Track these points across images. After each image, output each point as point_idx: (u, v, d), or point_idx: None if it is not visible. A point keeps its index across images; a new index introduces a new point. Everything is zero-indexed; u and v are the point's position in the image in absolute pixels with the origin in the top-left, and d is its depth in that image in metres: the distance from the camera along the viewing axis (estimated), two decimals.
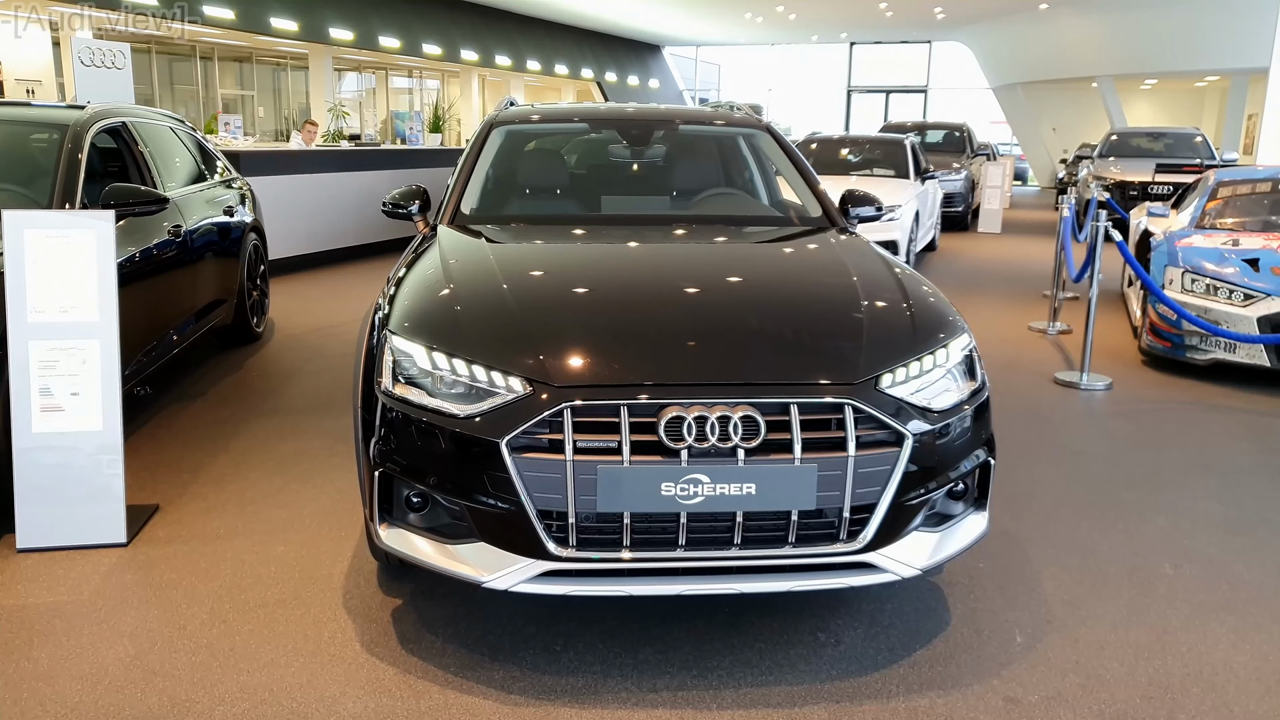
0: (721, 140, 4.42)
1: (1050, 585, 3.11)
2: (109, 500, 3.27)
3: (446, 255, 3.17)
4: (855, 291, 2.89)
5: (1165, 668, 2.64)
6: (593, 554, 2.40)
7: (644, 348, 2.57)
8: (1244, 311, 5.78)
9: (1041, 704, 2.46)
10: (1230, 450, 4.56)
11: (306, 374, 5.65)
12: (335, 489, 3.83)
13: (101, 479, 3.26)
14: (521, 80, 29.79)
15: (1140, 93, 31.51)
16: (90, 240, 3.22)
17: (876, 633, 2.79)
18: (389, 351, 2.63)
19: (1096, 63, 27.14)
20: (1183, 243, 6.42)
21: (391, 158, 11.83)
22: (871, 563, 2.47)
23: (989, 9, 26.71)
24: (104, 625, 2.76)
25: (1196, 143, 16.39)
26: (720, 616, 2.85)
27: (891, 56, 36.77)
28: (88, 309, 3.23)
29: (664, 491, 2.34)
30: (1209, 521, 3.67)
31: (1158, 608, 2.98)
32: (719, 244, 3.59)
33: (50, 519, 3.23)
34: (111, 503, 3.27)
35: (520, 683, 2.51)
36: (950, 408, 2.57)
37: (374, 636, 2.72)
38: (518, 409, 2.39)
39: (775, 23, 29.79)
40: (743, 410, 2.36)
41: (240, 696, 2.43)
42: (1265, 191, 7.09)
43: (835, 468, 2.38)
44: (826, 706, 2.43)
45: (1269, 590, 3.11)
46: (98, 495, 3.26)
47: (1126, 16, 25.09)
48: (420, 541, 2.55)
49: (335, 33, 19.91)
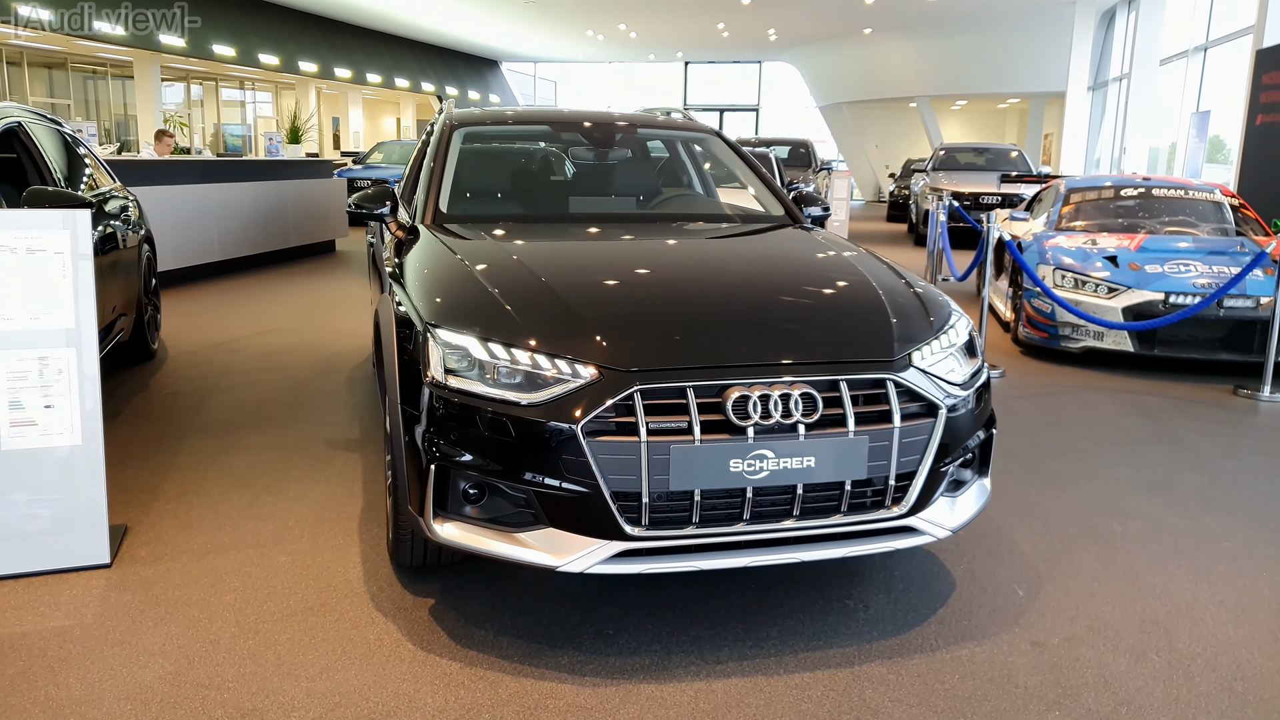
0: (676, 144, 4.57)
1: (1026, 546, 3.41)
2: (91, 519, 3.06)
3: (459, 252, 3.16)
4: (866, 277, 3.10)
5: (1150, 608, 2.96)
6: (665, 532, 2.47)
7: (699, 331, 2.67)
8: (1109, 303, 6.43)
9: (1063, 645, 2.71)
10: (1125, 424, 5.09)
11: (224, 389, 5.38)
12: (312, 499, 3.71)
13: (82, 497, 3.04)
14: (360, 93, 29.05)
15: (951, 113, 33.95)
16: (64, 240, 3.01)
17: (896, 596, 2.98)
18: (435, 345, 2.61)
19: (915, 84, 29.11)
20: (1050, 243, 7.07)
21: (258, 169, 11.34)
22: (913, 527, 2.66)
23: (818, 32, 28.16)
24: (126, 646, 2.60)
25: (1013, 157, 17.84)
26: (750, 592, 2.97)
27: (725, 76, 38.12)
28: (62, 315, 3.02)
29: (732, 468, 2.45)
30: (1132, 484, 4.10)
31: (1122, 559, 3.32)
32: (719, 237, 3.73)
33: (25, 542, 2.99)
34: (94, 522, 3.06)
35: (589, 665, 2.55)
36: (966, 381, 2.80)
37: (422, 635, 2.68)
38: (587, 394, 2.44)
39: (616, 40, 30.33)
40: (801, 388, 2.50)
41: (311, 702, 2.35)
42: (1110, 197, 7.90)
43: (883, 439, 2.56)
44: (883, 663, 2.59)
45: (1203, 538, 3.52)
46: (78, 514, 3.04)
47: (941, 42, 27.06)
48: (481, 532, 2.55)
49: (165, 39, 18.82)
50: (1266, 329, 5.96)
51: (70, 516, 3.04)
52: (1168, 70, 17.74)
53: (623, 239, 3.61)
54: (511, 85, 38.41)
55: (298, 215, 11.50)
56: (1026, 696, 2.44)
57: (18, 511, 2.99)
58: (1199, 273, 6.34)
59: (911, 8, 22.97)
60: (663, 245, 3.58)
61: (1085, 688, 2.49)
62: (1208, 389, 5.92)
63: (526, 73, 40.49)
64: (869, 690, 2.46)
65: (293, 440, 4.46)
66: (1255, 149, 10.14)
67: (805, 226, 3.95)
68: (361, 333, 7.07)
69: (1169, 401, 5.60)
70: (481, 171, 4.15)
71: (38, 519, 3.01)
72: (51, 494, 3.02)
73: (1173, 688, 2.50)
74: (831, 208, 6.72)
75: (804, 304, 2.92)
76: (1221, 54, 15.90)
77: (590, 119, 4.35)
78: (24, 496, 2.99)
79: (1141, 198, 7.80)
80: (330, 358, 6.26)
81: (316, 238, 12.12)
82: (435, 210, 3.69)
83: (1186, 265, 6.44)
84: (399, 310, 2.92)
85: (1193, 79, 16.68)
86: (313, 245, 12.07)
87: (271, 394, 5.31)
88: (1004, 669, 2.58)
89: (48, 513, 3.02)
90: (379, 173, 16.82)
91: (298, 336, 6.96)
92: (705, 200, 4.42)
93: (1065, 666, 2.59)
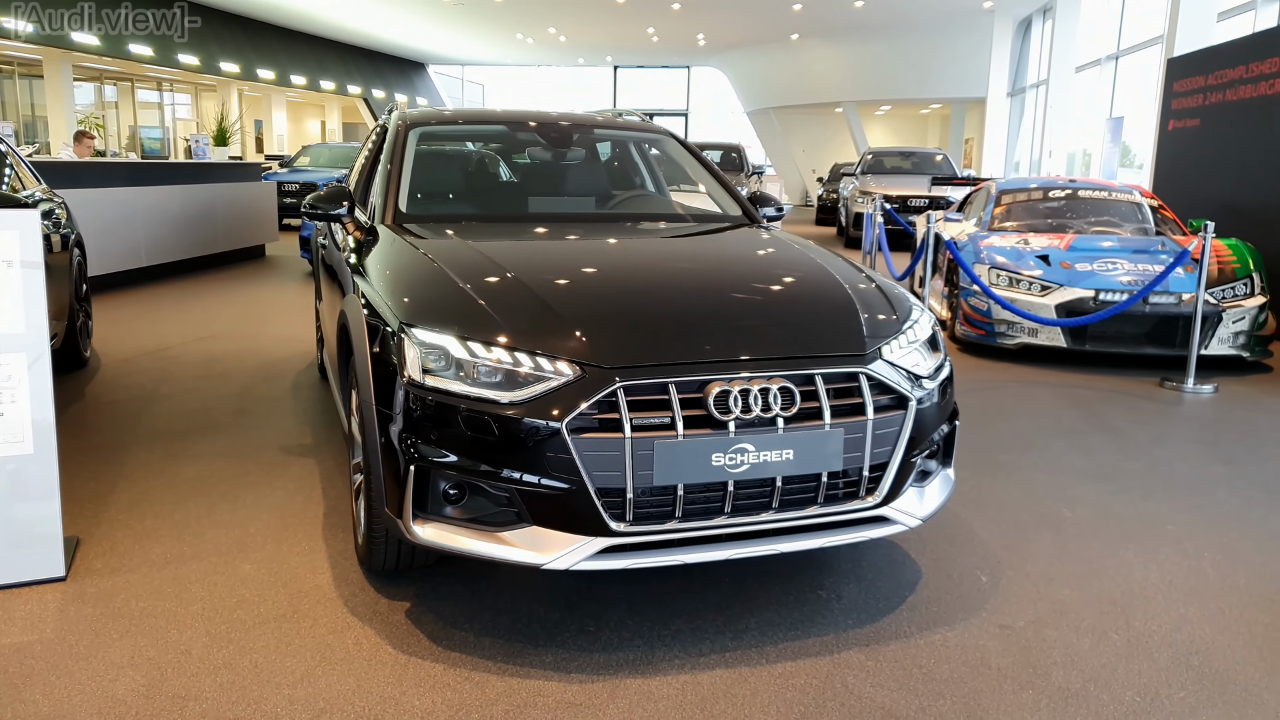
0: (632, 145, 4.60)
1: (984, 534, 3.51)
2: (44, 532, 2.95)
3: (426, 251, 3.14)
4: (832, 274, 3.16)
5: (1105, 589, 3.08)
6: (648, 527, 2.49)
7: (677, 328, 2.69)
8: (1043, 300, 6.66)
9: (1029, 628, 2.81)
10: (1064, 415, 5.27)
11: (165, 397, 5.23)
12: (271, 506, 3.63)
13: (35, 509, 2.93)
14: (284, 96, 28.45)
15: (875, 118, 34.69)
16: (12, 241, 2.90)
17: (866, 586, 3.05)
18: (411, 344, 2.59)
19: (841, 90, 29.67)
20: (984, 243, 7.28)
21: (185, 172, 11.02)
22: (886, 516, 2.73)
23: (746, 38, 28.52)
24: (91, 659, 2.51)
25: (938, 161, 18.33)
26: (726, 585, 3.01)
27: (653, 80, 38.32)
28: (11, 319, 2.90)
29: (714, 462, 2.48)
30: (1077, 473, 4.26)
31: (1074, 544, 3.45)
32: (683, 235, 3.76)
33: None
34: (47, 534, 2.95)
35: (574, 663, 2.55)
36: (931, 374, 2.88)
37: (401, 638, 2.65)
38: (570, 391, 2.44)
39: (546, 44, 30.27)
40: (779, 382, 2.54)
41: (294, 709, 2.31)
42: (1039, 199, 8.18)
43: (857, 430, 2.62)
44: (860, 650, 2.65)
45: (1147, 522, 3.68)
46: (30, 526, 2.93)
47: (867, 49, 27.63)
48: (462, 533, 2.53)
49: (79, 38, 18.17)
50: (1188, 324, 6.24)
51: (22, 529, 2.93)
52: (1083, 77, 18.42)
53: (588, 238, 3.62)
54: (439, 88, 38.03)
55: (227, 219, 11.22)
56: (1000, 677, 2.52)
57: None
58: (1125, 271, 6.61)
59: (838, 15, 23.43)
60: (630, 244, 3.60)
61: (1054, 667, 2.58)
62: (1136, 382, 6.17)
63: (454, 75, 40.15)
64: (850, 677, 2.51)
65: (244, 447, 4.36)
66: (1168, 153, 10.58)
67: (763, 226, 4.02)
68: (301, 338, 6.94)
69: (1102, 394, 5.82)
70: (439, 171, 4.12)
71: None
72: (2, 506, 2.90)
73: (1134, 664, 2.61)
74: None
75: (776, 300, 2.97)
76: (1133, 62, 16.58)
77: (547, 119, 4.35)
78: None
79: (1068, 199, 8.09)
80: (271, 364, 6.12)
81: (246, 242, 11.84)
82: (395, 210, 3.65)
83: (1114, 264, 6.70)
84: (368, 311, 2.88)
85: (1107, 85, 17.35)
86: (242, 250, 11.78)
87: (215, 401, 5.18)
88: (976, 652, 2.65)
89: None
90: (306, 176, 16.48)
91: (235, 343, 6.80)
92: (663, 200, 4.46)
93: (1033, 648, 2.68)
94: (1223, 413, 5.46)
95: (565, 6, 23.27)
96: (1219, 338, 6.46)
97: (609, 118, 4.61)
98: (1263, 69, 8.53)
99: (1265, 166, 8.40)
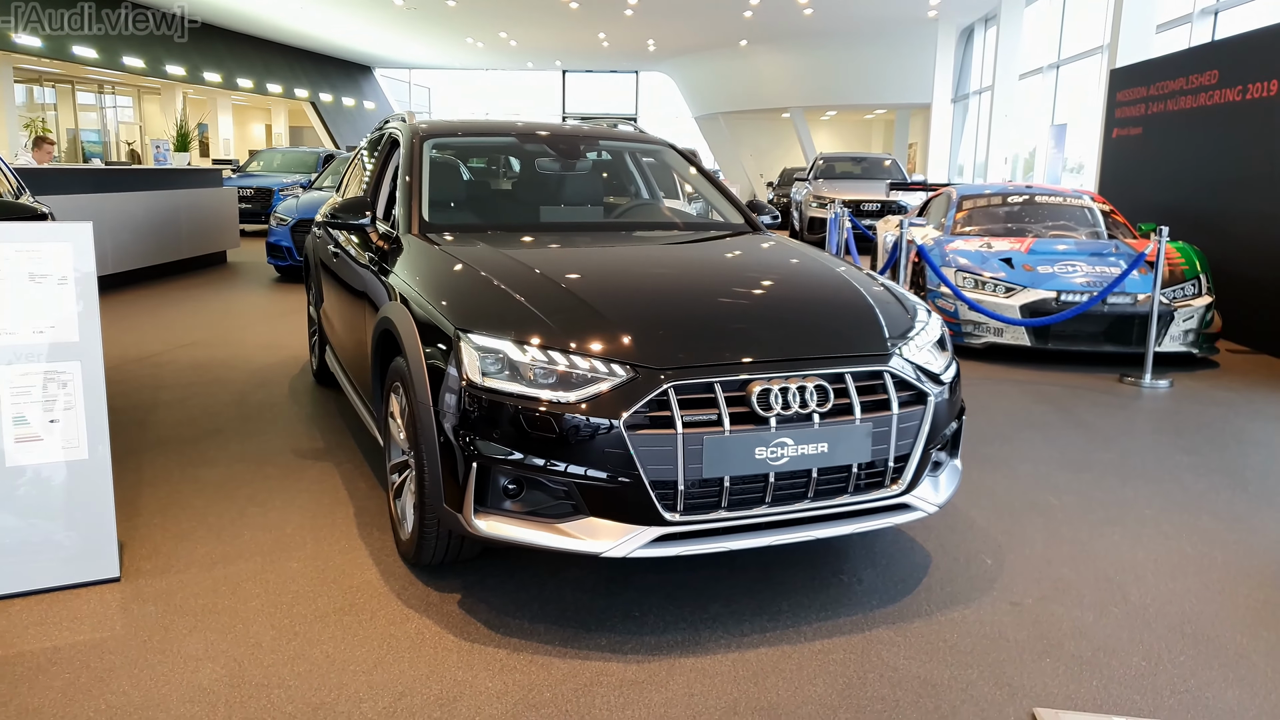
0: (635, 156, 4.78)
1: (982, 521, 3.76)
2: (100, 534, 3.03)
3: (466, 260, 3.28)
4: (848, 278, 3.38)
5: (1101, 568, 3.35)
6: (697, 516, 2.68)
7: (719, 330, 2.89)
8: (1008, 301, 7.00)
9: (1038, 604, 3.05)
10: (1035, 411, 5.58)
11: (165, 404, 5.27)
12: (299, 508, 3.74)
13: (91, 512, 3.02)
14: (230, 99, 28.04)
15: (821, 123, 35.32)
16: (66, 253, 2.99)
17: (882, 570, 3.28)
18: (469, 348, 2.74)
19: (788, 95, 30.17)
20: (950, 247, 7.61)
21: (148, 178, 10.91)
22: (908, 504, 2.95)
23: (695, 43, 28.86)
24: (168, 653, 2.62)
25: (887, 165, 18.78)
26: (752, 572, 3.21)
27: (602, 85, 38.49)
28: (66, 328, 2.99)
29: (757, 455, 2.68)
30: (1056, 464, 4.55)
31: (1065, 529, 3.72)
32: (700, 242, 3.96)
33: (34, 559, 2.95)
34: (103, 537, 3.04)
35: (627, 644, 2.72)
36: (943, 372, 3.11)
37: (460, 627, 2.80)
38: (625, 391, 2.62)
39: (496, 48, 30.28)
40: (814, 380, 2.75)
41: (375, 693, 2.45)
42: (998, 204, 8.54)
43: (883, 425, 2.84)
44: (889, 628, 2.87)
45: (1126, 507, 3.97)
46: (87, 529, 3.02)
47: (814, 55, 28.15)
48: (522, 525, 2.69)
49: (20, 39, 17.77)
50: (1143, 322, 6.63)
51: (79, 532, 3.01)
52: (1026, 84, 19.05)
53: (611, 245, 3.80)
54: (386, 91, 37.77)
55: (190, 226, 11.13)
56: (1019, 648, 2.76)
57: (25, 528, 2.94)
58: (1084, 273, 6.97)
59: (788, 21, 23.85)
60: (653, 251, 3.79)
61: (1065, 638, 2.83)
62: (1097, 378, 6.52)
63: (401, 79, 39.90)
64: (883, 651, 2.73)
65: (258, 452, 4.45)
66: (1112, 159, 11.08)
67: (765, 233, 4.23)
68: (285, 345, 6.99)
69: (1067, 390, 6.15)
70: (453, 182, 4.26)
71: (46, 535, 2.97)
72: (59, 509, 2.98)
73: (1136, 633, 2.87)
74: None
75: (804, 303, 3.18)
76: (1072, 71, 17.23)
77: (552, 130, 4.51)
78: (31, 512, 2.95)
79: (1026, 204, 8.47)
80: (262, 370, 6.18)
81: (209, 249, 11.75)
82: (420, 220, 3.78)
83: (1073, 266, 7.07)
84: (419, 318, 3.02)
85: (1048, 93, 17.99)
86: (205, 257, 11.69)
87: (215, 408, 5.23)
88: (993, 627, 2.89)
89: (56, 528, 2.98)
90: (260, 181, 16.36)
91: (221, 349, 6.82)
92: (668, 209, 4.65)
93: (1044, 621, 2.93)
94: (1179, 406, 5.82)
95: (518, 11, 23.35)
96: (1171, 336, 6.85)
97: (604, 128, 4.80)
98: (1202, 80, 9.02)
99: (1204, 173, 8.88)
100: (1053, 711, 2.40)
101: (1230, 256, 7.96)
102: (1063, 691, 2.54)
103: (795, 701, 2.47)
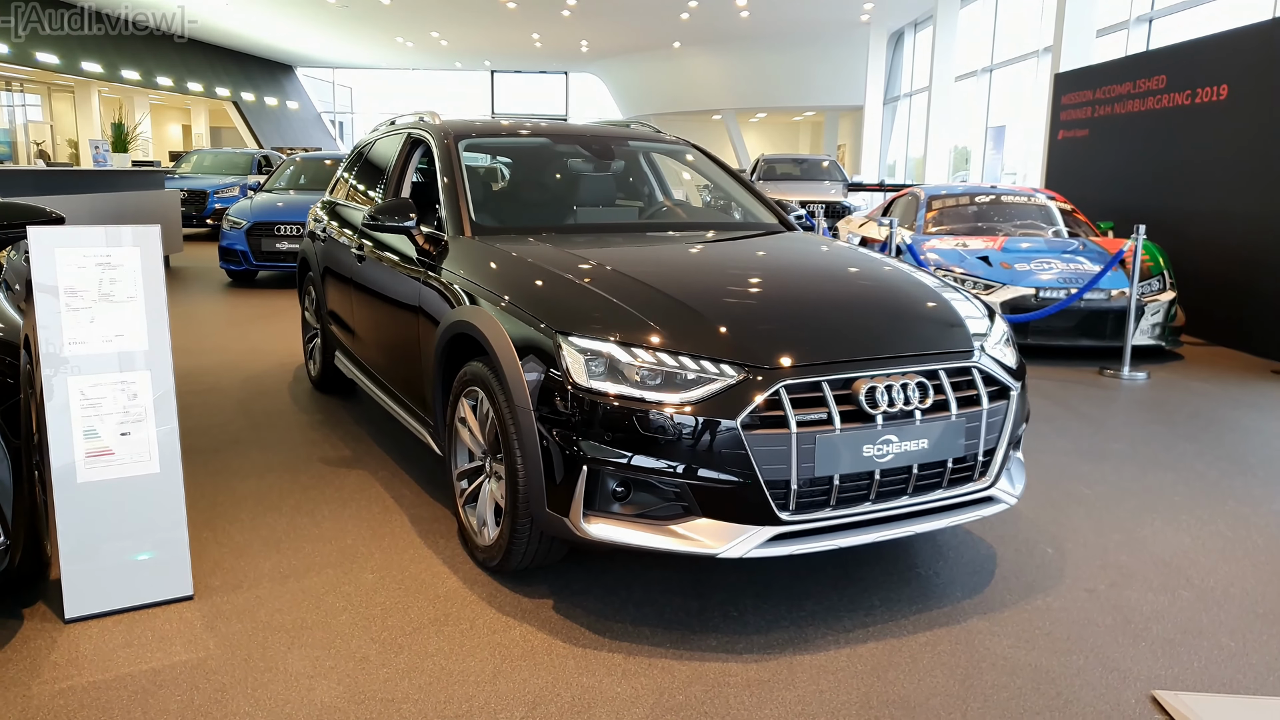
0: (663, 156, 4.78)
1: (1029, 514, 3.87)
2: (173, 551, 2.91)
3: (543, 262, 3.24)
4: (919, 277, 3.44)
5: (1154, 552, 3.48)
6: (809, 515, 2.69)
7: (817, 329, 2.91)
8: (989, 299, 7.19)
9: (1110, 590, 3.16)
10: (1034, 404, 5.74)
11: None
12: (350, 517, 3.64)
13: (163, 528, 2.89)
14: (147, 98, 27.04)
15: (751, 125, 35.77)
16: (134, 259, 2.86)
17: (954, 564, 3.34)
18: (572, 351, 2.71)
19: (720, 98, 30.48)
20: (926, 246, 7.79)
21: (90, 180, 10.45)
22: (993, 497, 3.02)
23: (629, 44, 28.91)
24: (275, 671, 2.53)
25: (825, 167, 19.09)
26: (830, 570, 3.24)
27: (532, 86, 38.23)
28: (136, 337, 2.86)
29: (865, 452, 2.71)
30: (1076, 455, 4.70)
31: (1109, 516, 3.85)
32: (761, 242, 3.98)
33: (103, 579, 2.81)
34: (176, 554, 2.91)
35: (738, 644, 2.73)
36: (1018, 367, 3.20)
37: (565, 632, 2.77)
38: (738, 391, 2.62)
39: (426, 48, 29.85)
40: (914, 377, 2.80)
41: (506, 704, 2.40)
42: (967, 204, 8.78)
43: (974, 420, 2.90)
44: (981, 618, 2.93)
45: (1157, 495, 4.12)
46: (160, 547, 2.89)
47: (745, 58, 28.50)
48: (632, 527, 2.67)
49: None
50: (1118, 317, 6.89)
51: (153, 549, 2.88)
52: (962, 86, 19.59)
53: (668, 245, 3.79)
54: (308, 90, 36.90)
55: None
56: (1112, 631, 2.85)
57: (94, 547, 2.80)
58: (1058, 270, 7.21)
59: (723, 24, 24.07)
60: (717, 249, 3.79)
61: (1149, 622, 2.93)
62: (1078, 371, 6.76)
63: (324, 79, 39.02)
64: (986, 641, 2.79)
65: (284, 462, 4.31)
66: (1058, 161, 11.48)
67: (802, 232, 4.27)
68: (270, 350, 6.79)
69: (1056, 384, 6.36)
70: (494, 183, 4.19)
71: (120, 554, 2.83)
72: (132, 526, 2.85)
73: (1213, 615, 2.99)
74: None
75: (890, 300, 3.22)
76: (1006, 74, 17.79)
77: (581, 130, 4.48)
78: (105, 531, 2.81)
79: (992, 204, 8.72)
80: (256, 377, 5.99)
81: None
82: (471, 223, 3.71)
83: (1048, 263, 7.30)
84: (509, 321, 2.97)
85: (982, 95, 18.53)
86: None
87: (221, 418, 5.05)
88: (1078, 613, 2.98)
89: (130, 546, 2.84)
90: (193, 183, 15.86)
91: (207, 357, 6.59)
92: (701, 209, 4.66)
93: (1123, 606, 3.03)
94: (1163, 396, 6.07)
95: (452, 11, 23.07)
96: (1140, 329, 7.13)
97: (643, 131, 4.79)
98: (1150, 85, 9.41)
99: (1151, 174, 9.27)
100: (1173, 694, 2.49)
101: (1183, 253, 8.32)
102: (1168, 674, 2.63)
103: (922, 694, 2.50)
